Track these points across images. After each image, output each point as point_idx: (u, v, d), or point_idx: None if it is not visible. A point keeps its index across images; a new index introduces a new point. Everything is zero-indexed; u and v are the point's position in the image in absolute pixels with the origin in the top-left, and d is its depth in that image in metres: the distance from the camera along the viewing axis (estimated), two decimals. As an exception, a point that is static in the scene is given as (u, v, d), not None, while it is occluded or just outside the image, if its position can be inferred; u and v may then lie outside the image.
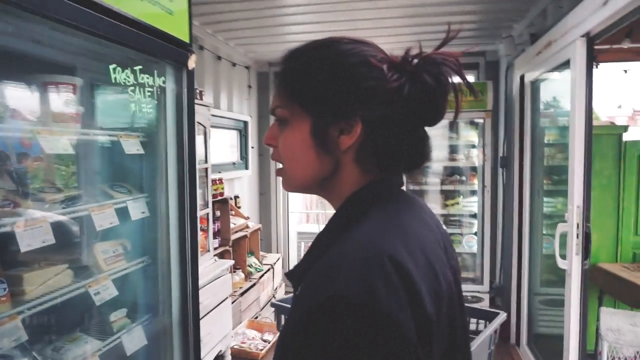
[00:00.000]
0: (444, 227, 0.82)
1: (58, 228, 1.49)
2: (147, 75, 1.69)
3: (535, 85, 3.70)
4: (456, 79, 0.69)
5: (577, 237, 2.69)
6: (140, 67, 1.64)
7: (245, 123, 5.10)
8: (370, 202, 0.70)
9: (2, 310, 1.29)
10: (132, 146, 1.74)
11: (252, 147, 5.23)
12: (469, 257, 4.61)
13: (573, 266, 2.71)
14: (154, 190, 1.93)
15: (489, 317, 1.69)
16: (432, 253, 0.66)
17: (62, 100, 1.54)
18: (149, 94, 1.71)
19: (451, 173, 4.60)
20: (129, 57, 1.62)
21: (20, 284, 1.42)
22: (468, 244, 4.54)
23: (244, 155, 5.08)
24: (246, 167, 5.09)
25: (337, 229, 0.69)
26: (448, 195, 4.61)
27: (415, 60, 0.68)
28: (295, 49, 0.74)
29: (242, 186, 5.00)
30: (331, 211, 0.75)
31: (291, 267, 0.80)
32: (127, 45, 1.53)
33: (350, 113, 0.67)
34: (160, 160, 1.91)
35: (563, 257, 2.77)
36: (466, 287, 4.28)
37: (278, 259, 5.06)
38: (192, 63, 1.90)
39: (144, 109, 1.71)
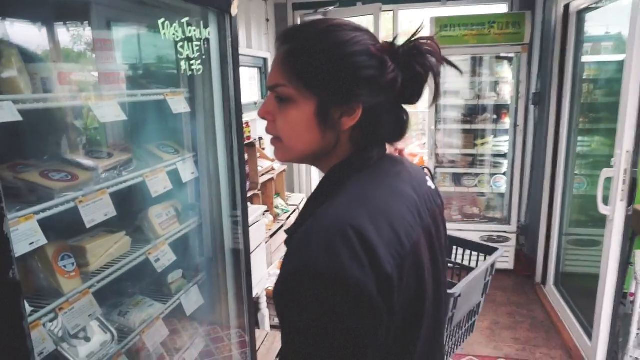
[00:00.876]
0: (431, 184, 0.90)
1: (114, 196, 1.43)
2: (194, 28, 1.54)
3: (581, 15, 3.43)
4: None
5: (624, 182, 2.60)
6: (187, 18, 1.49)
7: (265, 60, 4.86)
8: (348, 174, 0.78)
9: (74, 287, 1.27)
10: (178, 104, 1.63)
11: (272, 86, 5.02)
12: (496, 197, 4.57)
13: (616, 212, 2.65)
14: (201, 148, 1.85)
15: (488, 251, 1.83)
16: (397, 219, 0.72)
17: (108, 59, 1.41)
18: (197, 47, 1.57)
19: (481, 111, 4.43)
20: (174, 9, 1.46)
21: (84, 255, 1.39)
22: (496, 184, 4.48)
23: (264, 94, 4.91)
24: (267, 107, 4.92)
25: (322, 195, 0.78)
26: (477, 135, 4.47)
27: (401, 50, 0.75)
28: (300, 29, 0.78)
29: (264, 127, 4.88)
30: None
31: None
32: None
33: (354, 98, 0.74)
34: (207, 115, 1.80)
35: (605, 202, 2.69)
36: (492, 227, 4.28)
37: (302, 199, 5.07)
38: (234, 9, 1.73)
39: (194, 65, 1.57)
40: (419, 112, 6.82)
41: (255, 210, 3.37)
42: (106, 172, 1.45)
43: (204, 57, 1.64)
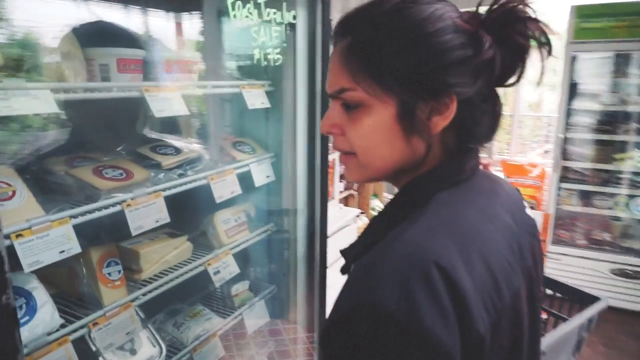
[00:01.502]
0: (529, 211, 0.75)
1: (178, 195, 1.29)
2: (274, 10, 1.32)
3: None
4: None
5: None
6: (266, -1, 1.28)
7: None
8: (435, 190, 0.63)
9: (116, 298, 1.14)
10: (256, 99, 1.44)
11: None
12: (636, 224, 3.78)
13: None
14: (280, 147, 1.65)
15: (586, 300, 1.43)
16: (496, 257, 0.58)
17: (177, 46, 1.25)
18: (276, 34, 1.36)
19: (624, 119, 3.67)
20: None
21: (137, 261, 1.26)
22: (637, 208, 3.70)
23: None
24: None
25: (397, 214, 0.64)
26: (617, 147, 3.72)
27: (494, 18, 0.60)
28: (361, 14, 0.62)
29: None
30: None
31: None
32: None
33: (445, 89, 0.59)
34: (288, 111, 1.59)
35: None
36: (628, 259, 3.55)
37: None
38: (329, -12, 1.48)
39: (270, 54, 1.37)
40: (542, 115, 6.03)
41: (346, 213, 3.15)
42: (169, 170, 1.31)
43: (284, 44, 1.42)
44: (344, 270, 0.66)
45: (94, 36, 1.10)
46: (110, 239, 1.24)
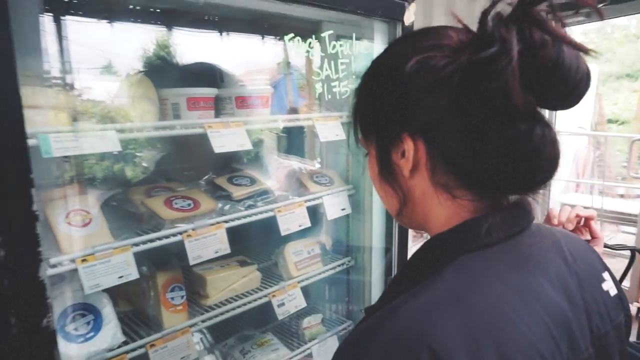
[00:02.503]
0: (610, 285, 0.62)
1: (250, 226, 1.32)
2: (340, 43, 1.29)
3: None
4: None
5: None
6: (330, 32, 1.26)
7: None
8: (453, 252, 0.55)
9: (176, 322, 1.20)
10: (329, 131, 1.42)
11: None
12: None
13: None
14: (358, 180, 1.60)
15: None
16: (520, 347, 0.47)
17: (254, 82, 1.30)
18: (343, 67, 1.32)
19: None
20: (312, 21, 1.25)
21: (204, 287, 1.32)
22: None
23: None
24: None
25: (410, 277, 0.58)
26: None
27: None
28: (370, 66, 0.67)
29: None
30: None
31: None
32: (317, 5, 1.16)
33: (396, 131, 0.59)
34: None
35: None
36: None
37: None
38: (410, 16, 1.40)
39: (336, 87, 1.33)
40: None
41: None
42: (239, 201, 1.35)
43: (354, 76, 1.37)
44: None
45: (167, 77, 1.21)
46: (182, 263, 1.32)
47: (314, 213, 1.51)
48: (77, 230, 1.06)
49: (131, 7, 1.29)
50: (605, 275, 0.65)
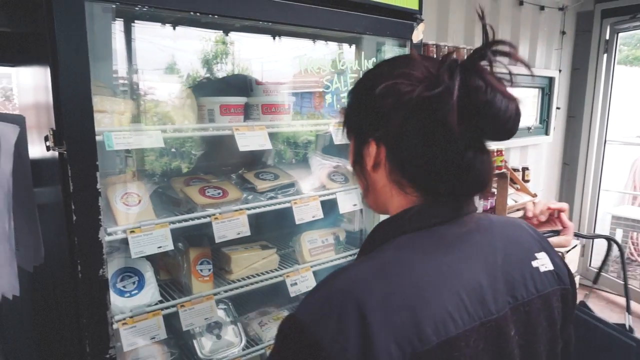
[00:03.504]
0: (543, 263, 0.76)
1: (274, 213, 1.56)
2: (348, 60, 1.50)
3: None
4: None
5: None
6: (340, 52, 1.46)
7: (551, 79, 4.20)
8: (391, 233, 0.71)
9: (203, 289, 1.46)
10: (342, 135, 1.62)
11: (558, 108, 4.30)
12: None
13: None
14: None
15: None
16: (430, 305, 0.62)
17: (272, 91, 1.54)
18: (352, 80, 1.52)
19: None
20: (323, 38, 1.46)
21: (229, 263, 1.57)
22: None
23: (544, 119, 4.25)
24: (546, 132, 4.27)
25: (362, 251, 0.76)
26: None
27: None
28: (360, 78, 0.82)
29: (538, 155, 4.25)
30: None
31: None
32: (329, 28, 1.37)
33: (365, 135, 0.74)
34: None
35: None
36: None
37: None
38: (418, 34, 1.58)
39: (345, 98, 1.53)
40: None
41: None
42: (262, 193, 1.59)
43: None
44: None
45: (206, 88, 1.47)
46: (213, 243, 1.57)
47: (332, 207, 1.72)
48: (129, 208, 1.34)
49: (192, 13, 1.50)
50: (540, 255, 0.77)
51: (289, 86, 1.61)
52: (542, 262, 0.76)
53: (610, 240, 1.27)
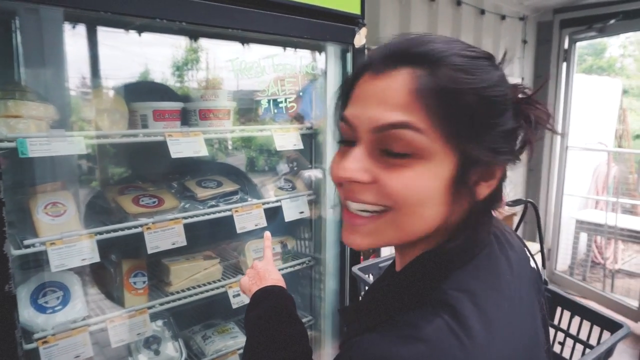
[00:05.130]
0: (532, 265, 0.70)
1: (204, 223, 1.50)
2: (288, 63, 1.47)
3: None
4: None
5: None
6: (275, 55, 1.43)
7: (513, 87, 4.26)
8: (446, 268, 0.55)
9: (136, 303, 1.39)
10: (286, 140, 1.58)
11: (521, 115, 4.37)
12: None
13: None
14: (319, 186, 1.75)
15: (603, 324, 1.34)
16: (529, 354, 0.55)
17: (212, 97, 1.49)
18: (290, 84, 1.49)
19: None
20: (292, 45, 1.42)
21: (168, 275, 1.51)
22: None
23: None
24: (509, 139, 4.32)
25: (403, 294, 0.57)
26: None
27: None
28: (442, 50, 0.53)
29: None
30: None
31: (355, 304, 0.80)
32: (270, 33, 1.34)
33: (500, 156, 0.54)
34: (324, 153, 1.69)
35: None
36: None
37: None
38: (360, 39, 1.56)
39: (282, 103, 1.50)
40: None
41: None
42: (203, 201, 1.54)
43: (305, 91, 1.54)
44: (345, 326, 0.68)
45: (136, 93, 1.41)
46: (154, 255, 1.50)
47: (278, 215, 1.67)
48: (53, 219, 1.27)
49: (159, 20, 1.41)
50: (525, 249, 0.71)
51: (233, 90, 1.57)
52: (531, 260, 0.72)
53: (527, 203, 1.36)
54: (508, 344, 0.51)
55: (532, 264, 0.70)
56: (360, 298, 1.52)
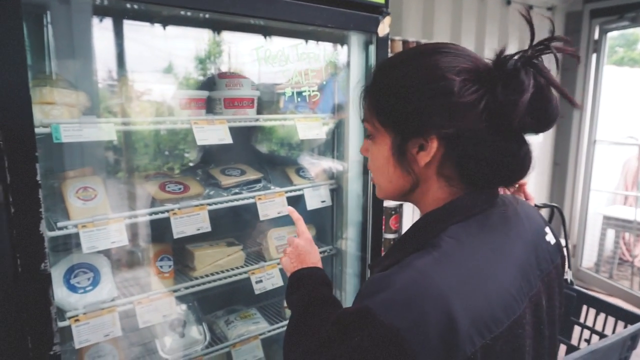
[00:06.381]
0: (550, 237, 0.82)
1: (228, 210, 1.54)
2: (312, 52, 1.47)
3: None
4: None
5: None
6: (302, 41, 1.44)
7: (541, 79, 4.17)
8: (443, 225, 0.70)
9: (162, 286, 1.43)
10: (309, 130, 1.60)
11: (549, 108, 4.28)
12: None
13: None
14: (341, 175, 1.76)
15: (628, 319, 1.34)
16: (497, 288, 0.65)
17: (236, 85, 1.52)
18: (313, 74, 1.50)
19: None
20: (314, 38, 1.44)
21: (192, 260, 1.54)
22: None
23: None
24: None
25: (411, 243, 0.72)
26: None
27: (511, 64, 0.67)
28: (387, 61, 0.78)
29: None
30: None
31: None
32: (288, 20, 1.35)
33: (425, 130, 0.69)
34: (346, 143, 1.70)
35: None
36: None
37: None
38: (384, 28, 1.55)
39: (306, 91, 1.51)
40: None
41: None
42: (227, 188, 1.57)
43: (330, 81, 1.55)
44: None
45: (164, 82, 1.44)
46: (179, 241, 1.54)
47: (301, 203, 1.69)
48: (84, 203, 1.32)
49: (182, 12, 1.33)
50: (547, 229, 0.83)
51: (256, 80, 1.59)
52: (550, 236, 0.82)
53: (553, 208, 1.38)
54: (482, 272, 0.66)
55: (550, 238, 0.82)
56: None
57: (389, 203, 2.69)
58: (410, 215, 2.87)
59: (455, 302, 0.60)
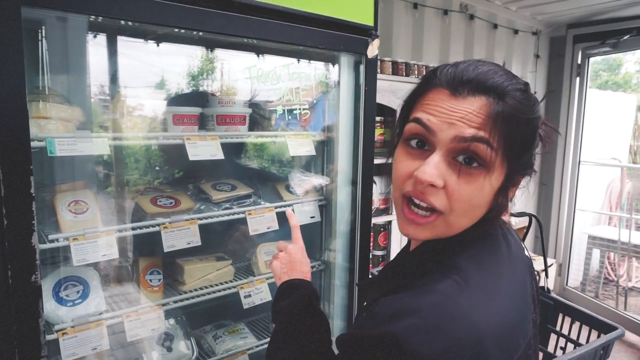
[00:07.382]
0: (527, 252, 0.83)
1: (218, 225, 1.56)
2: (303, 72, 1.52)
3: None
4: None
5: None
6: (294, 60, 1.49)
7: (525, 100, 4.27)
8: (458, 245, 0.69)
9: (151, 300, 1.44)
10: (300, 147, 1.63)
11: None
12: None
13: None
14: (330, 191, 1.79)
15: (602, 328, 1.38)
16: (516, 311, 0.65)
17: (229, 103, 1.55)
18: (304, 92, 1.55)
19: None
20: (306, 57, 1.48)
21: (182, 274, 1.55)
22: None
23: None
24: (522, 153, 4.32)
25: (420, 265, 0.70)
26: None
27: None
28: (510, 85, 0.66)
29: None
30: None
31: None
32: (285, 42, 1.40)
33: (529, 168, 0.71)
34: (329, 161, 1.74)
35: None
36: None
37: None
38: (373, 50, 1.61)
39: (296, 110, 1.56)
40: None
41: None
42: (217, 203, 1.59)
43: (320, 101, 1.59)
44: (360, 293, 0.82)
45: (157, 98, 1.48)
46: (169, 255, 1.55)
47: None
48: (76, 216, 1.33)
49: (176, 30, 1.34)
50: (523, 244, 0.85)
51: (247, 98, 1.63)
52: (526, 251, 0.84)
53: (531, 216, 1.43)
54: (503, 295, 0.64)
55: (526, 253, 0.82)
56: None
57: (377, 220, 2.72)
58: (399, 232, 2.89)
59: (483, 327, 0.58)
